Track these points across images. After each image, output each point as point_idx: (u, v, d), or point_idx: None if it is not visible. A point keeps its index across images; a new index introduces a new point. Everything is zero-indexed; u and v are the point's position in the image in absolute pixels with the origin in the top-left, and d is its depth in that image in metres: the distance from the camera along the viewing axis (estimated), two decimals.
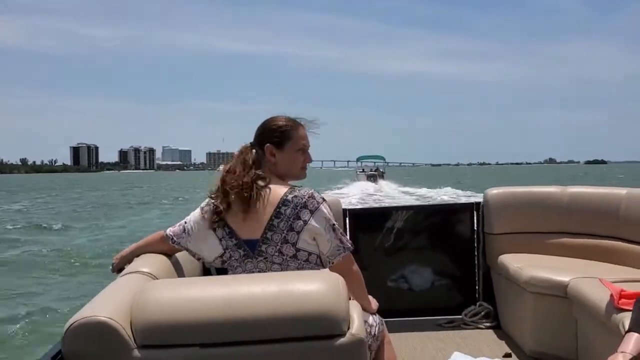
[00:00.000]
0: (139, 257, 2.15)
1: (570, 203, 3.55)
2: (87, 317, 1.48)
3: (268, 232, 1.94)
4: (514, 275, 3.20)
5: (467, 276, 3.91)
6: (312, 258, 1.98)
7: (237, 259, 1.99)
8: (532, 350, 3.12)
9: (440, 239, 3.99)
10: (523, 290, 3.11)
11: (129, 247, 2.23)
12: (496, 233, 3.63)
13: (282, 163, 2.05)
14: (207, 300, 1.52)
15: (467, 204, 4.01)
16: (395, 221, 3.91)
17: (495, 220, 3.64)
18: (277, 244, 1.94)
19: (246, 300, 1.50)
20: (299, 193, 1.96)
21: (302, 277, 1.65)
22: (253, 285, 1.57)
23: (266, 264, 1.96)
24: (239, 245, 1.97)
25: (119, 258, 2.20)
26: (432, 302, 3.92)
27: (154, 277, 1.92)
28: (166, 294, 1.56)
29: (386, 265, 3.89)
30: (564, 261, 3.35)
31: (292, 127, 2.07)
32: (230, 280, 1.72)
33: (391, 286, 3.89)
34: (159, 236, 2.18)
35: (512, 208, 3.63)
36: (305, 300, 1.50)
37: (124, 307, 1.55)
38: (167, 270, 2.07)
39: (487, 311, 3.72)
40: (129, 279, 1.89)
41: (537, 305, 3.05)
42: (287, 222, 1.93)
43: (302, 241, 1.94)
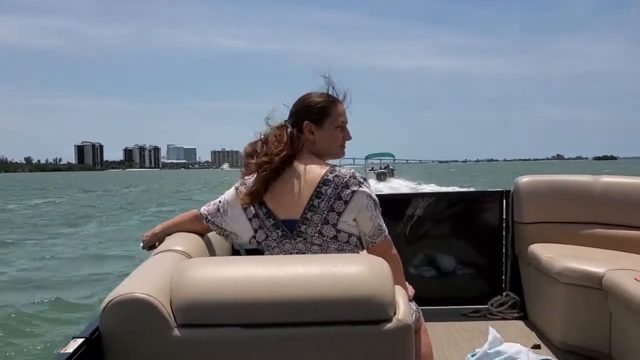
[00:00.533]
0: (171, 235, 2.13)
1: (603, 193, 3.48)
2: (124, 294, 1.46)
3: (308, 212, 1.89)
4: (546, 266, 3.15)
5: (494, 265, 3.82)
6: (352, 240, 1.94)
7: (274, 239, 1.94)
8: (561, 342, 3.06)
9: (466, 227, 3.90)
10: (555, 281, 3.05)
11: (160, 225, 2.21)
12: (526, 222, 3.56)
13: (321, 141, 2.00)
14: (250, 280, 1.49)
15: (496, 191, 3.88)
16: (419, 208, 3.83)
17: (526, 208, 3.55)
18: (317, 225, 1.89)
19: (289, 282, 1.48)
20: (339, 172, 1.91)
21: (346, 260, 1.61)
22: (296, 266, 1.54)
23: (305, 244, 1.92)
24: (276, 225, 1.93)
25: (150, 235, 2.19)
26: (457, 291, 3.84)
27: (188, 255, 1.89)
28: (207, 273, 1.54)
29: (410, 253, 3.79)
30: (597, 252, 3.28)
31: (330, 103, 2.02)
32: (272, 260, 1.69)
33: (415, 274, 3.76)
34: (192, 215, 2.15)
35: (543, 197, 3.55)
36: (350, 284, 1.47)
37: (161, 284, 1.53)
38: (200, 249, 2.05)
39: (513, 301, 3.65)
40: (163, 257, 1.86)
41: (569, 297, 2.99)
42: (327, 202, 1.89)
43: (342, 222, 1.90)
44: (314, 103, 2.00)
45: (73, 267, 11.84)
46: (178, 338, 1.45)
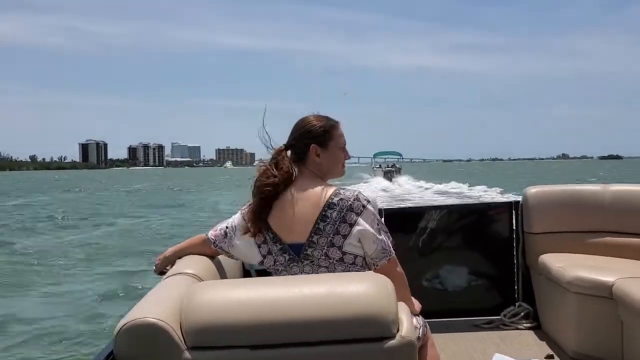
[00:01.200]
0: (181, 259, 2.16)
1: (613, 201, 3.50)
2: (137, 318, 1.50)
3: (314, 235, 1.92)
4: (556, 276, 3.16)
5: (506, 276, 3.84)
6: (358, 260, 1.98)
7: (282, 263, 1.97)
8: (575, 352, 3.06)
9: (477, 239, 3.93)
10: (566, 290, 3.07)
11: (170, 249, 2.24)
12: (536, 232, 3.58)
13: (326, 162, 2.05)
14: (257, 302, 1.52)
15: (505, 202, 3.92)
16: (431, 220, 3.86)
17: (535, 219, 3.57)
18: (323, 248, 1.93)
19: (296, 302, 1.51)
20: (344, 195, 1.95)
21: (351, 279, 1.64)
22: (302, 286, 1.57)
23: (312, 267, 1.95)
24: (283, 249, 1.96)
25: (161, 259, 2.22)
26: (469, 302, 3.85)
27: (199, 278, 1.92)
28: (215, 295, 1.57)
29: (422, 265, 3.82)
30: (608, 261, 3.29)
31: (332, 126, 2.08)
32: (279, 282, 1.72)
33: (427, 286, 3.81)
34: (201, 239, 2.18)
35: (552, 207, 3.57)
36: (354, 302, 1.50)
37: (172, 308, 1.56)
38: (211, 271, 2.08)
39: (526, 312, 3.66)
40: (174, 281, 1.90)
41: (580, 306, 3.01)
42: (333, 225, 1.92)
43: (348, 244, 1.93)
44: (317, 127, 2.05)
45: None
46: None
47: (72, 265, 12.40)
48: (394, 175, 54.16)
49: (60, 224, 21.89)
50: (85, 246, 15.29)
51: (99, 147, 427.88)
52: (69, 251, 14.43)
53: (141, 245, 15.26)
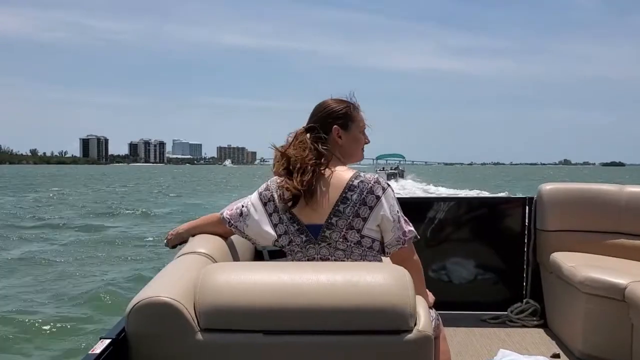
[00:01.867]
0: (195, 237, 2.13)
1: (629, 202, 3.46)
2: (150, 297, 1.49)
3: (333, 217, 1.91)
4: (567, 275, 3.14)
5: (514, 272, 3.81)
6: (375, 245, 1.96)
7: (298, 244, 1.95)
8: (581, 352, 3.05)
9: (487, 233, 3.90)
10: (576, 290, 3.05)
11: (184, 225, 2.23)
12: (549, 230, 3.55)
13: (348, 144, 2.05)
14: (273, 287, 1.52)
15: (518, 198, 3.88)
16: (440, 211, 3.84)
17: (549, 216, 3.54)
18: (342, 230, 1.91)
19: (312, 289, 1.50)
20: (364, 178, 1.94)
21: (369, 269, 1.62)
22: (319, 274, 1.55)
23: (329, 250, 1.93)
24: (301, 230, 1.94)
25: (174, 234, 2.21)
26: (476, 296, 3.84)
27: (212, 258, 1.91)
28: (231, 278, 1.56)
29: (430, 256, 3.76)
30: (620, 262, 3.26)
31: (353, 108, 2.08)
32: (295, 268, 1.71)
33: (434, 278, 3.78)
34: (215, 218, 2.16)
35: (566, 205, 3.54)
36: (372, 293, 1.49)
37: (186, 288, 1.55)
38: (224, 252, 2.06)
39: (534, 309, 3.63)
40: (187, 260, 1.87)
41: (590, 307, 2.99)
42: (353, 207, 1.90)
43: (367, 228, 1.92)
44: (339, 108, 2.05)
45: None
46: (201, 342, 1.48)
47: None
48: (397, 177, 54.05)
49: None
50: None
51: (100, 142, 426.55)
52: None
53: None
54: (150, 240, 15.16)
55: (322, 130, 2.00)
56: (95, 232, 17.01)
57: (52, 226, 18.68)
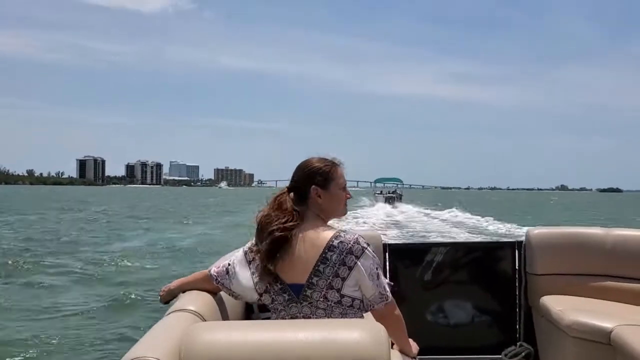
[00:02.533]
0: (185, 293, 2.22)
1: (615, 245, 3.52)
2: (138, 357, 1.52)
3: (313, 277, 1.96)
4: (556, 319, 3.19)
5: (508, 315, 3.86)
6: (355, 303, 2.01)
7: (281, 302, 2.01)
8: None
9: (480, 276, 3.93)
10: (565, 334, 3.09)
11: (176, 282, 2.31)
12: (538, 273, 3.59)
13: (328, 203, 2.10)
14: (254, 346, 1.56)
15: (509, 242, 3.94)
16: (434, 256, 3.89)
17: (538, 260, 3.60)
18: (322, 290, 1.96)
19: (290, 347, 1.54)
20: (344, 238, 1.98)
21: (345, 326, 1.67)
22: (297, 332, 1.61)
23: (311, 308, 1.98)
24: (283, 289, 1.99)
25: (166, 291, 2.29)
26: (470, 340, 3.86)
27: (201, 315, 1.98)
28: (214, 338, 1.60)
29: (424, 301, 3.84)
30: (608, 305, 3.31)
31: (332, 166, 2.14)
32: (275, 327, 1.77)
33: (429, 321, 3.83)
34: (204, 275, 2.24)
35: (554, 248, 3.59)
36: (347, 350, 1.53)
37: (172, 347, 1.59)
38: (212, 308, 2.14)
39: (527, 352, 3.62)
40: (177, 318, 1.94)
41: (578, 351, 3.02)
42: (332, 267, 1.95)
43: (346, 287, 1.97)
44: (317, 168, 2.10)
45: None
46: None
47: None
48: (395, 201, 53.98)
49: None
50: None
51: (97, 163, 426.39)
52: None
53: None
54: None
55: (301, 191, 2.08)
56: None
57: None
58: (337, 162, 2.16)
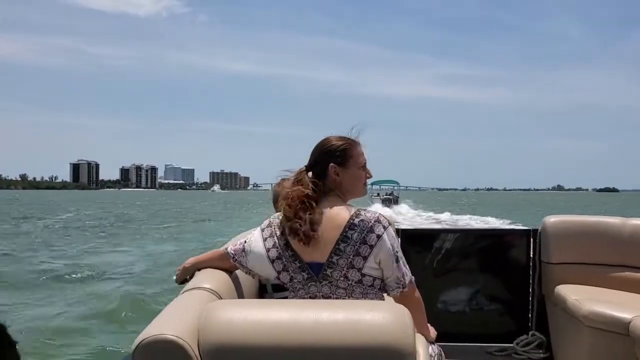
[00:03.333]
0: (200, 271, 2.18)
1: (633, 235, 3.49)
2: (155, 335, 1.50)
3: (334, 256, 1.92)
4: (572, 308, 3.14)
5: (520, 304, 3.82)
6: (376, 283, 1.97)
7: (300, 281, 1.97)
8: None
9: (493, 264, 3.90)
10: (581, 324, 3.04)
11: (190, 260, 2.27)
12: (553, 262, 3.55)
13: (347, 181, 2.05)
14: (274, 325, 1.54)
15: (523, 230, 3.91)
16: (447, 242, 3.88)
17: (553, 249, 3.55)
18: (342, 269, 1.92)
19: (312, 327, 1.51)
20: (365, 217, 1.95)
21: (369, 307, 1.63)
22: (319, 312, 1.56)
23: (330, 288, 1.94)
24: (302, 268, 1.96)
25: (181, 270, 2.25)
26: (482, 328, 3.84)
27: (217, 293, 1.95)
28: (232, 316, 1.58)
29: (436, 287, 3.81)
30: (625, 296, 3.27)
31: (351, 144, 2.08)
32: (296, 305, 1.73)
33: (440, 308, 3.81)
34: (220, 253, 2.22)
35: (571, 237, 3.55)
36: (372, 333, 1.49)
37: (190, 325, 1.57)
38: (228, 286, 2.10)
39: (540, 341, 3.60)
40: (193, 296, 1.91)
41: (595, 341, 2.97)
42: (353, 246, 1.92)
43: (367, 267, 1.93)
44: (336, 146, 2.06)
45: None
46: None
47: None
48: (392, 203, 53.45)
49: None
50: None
51: (91, 167, 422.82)
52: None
53: None
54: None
55: (320, 169, 2.04)
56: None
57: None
58: (356, 140, 2.09)
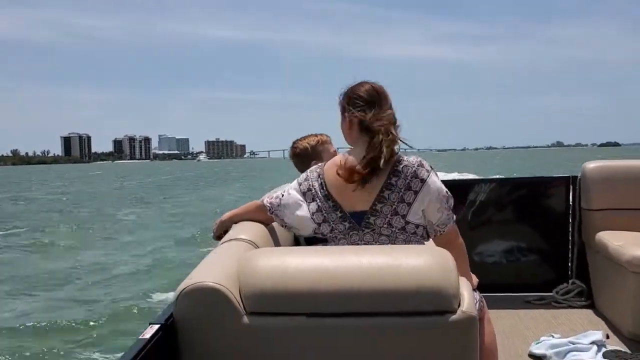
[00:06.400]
0: (237, 224, 2.18)
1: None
2: (197, 282, 1.53)
3: (378, 204, 1.89)
4: (614, 254, 3.12)
5: (559, 252, 3.79)
6: (419, 230, 1.95)
7: (341, 231, 1.94)
8: (630, 332, 3.01)
9: (531, 213, 3.85)
10: (624, 269, 3.02)
11: (226, 214, 2.27)
12: (594, 209, 3.49)
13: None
14: (314, 270, 1.54)
15: (562, 177, 3.85)
16: (482, 193, 3.80)
17: (594, 195, 3.50)
18: (386, 216, 1.89)
19: (353, 272, 1.51)
20: (407, 162, 1.91)
21: (411, 251, 1.64)
22: (361, 257, 1.57)
23: (373, 235, 1.92)
24: (343, 217, 1.93)
25: (218, 224, 2.26)
26: (521, 278, 3.81)
27: (254, 244, 1.94)
28: (273, 262, 1.59)
29: (473, 239, 3.68)
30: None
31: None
32: (336, 251, 1.72)
33: (477, 260, 3.74)
34: (257, 205, 2.18)
35: (612, 183, 3.48)
36: (414, 275, 1.49)
37: (230, 273, 1.59)
38: (265, 238, 2.09)
39: (580, 289, 3.60)
40: (231, 246, 1.92)
41: (639, 286, 2.95)
42: (398, 193, 1.88)
43: (412, 213, 1.90)
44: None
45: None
46: (247, 325, 1.51)
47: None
48: None
49: None
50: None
51: (82, 140, 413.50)
52: None
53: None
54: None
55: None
56: None
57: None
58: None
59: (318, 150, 2.60)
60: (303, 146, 2.64)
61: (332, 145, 2.68)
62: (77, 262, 13.34)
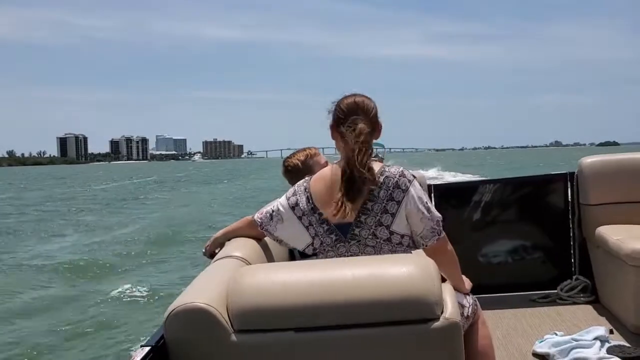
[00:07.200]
0: (230, 241, 2.19)
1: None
2: (186, 303, 1.55)
3: (362, 215, 1.91)
4: (614, 248, 3.12)
5: (562, 249, 3.79)
6: (405, 240, 1.96)
7: (329, 244, 1.97)
8: (635, 326, 3.02)
9: (531, 212, 3.87)
10: (624, 263, 3.03)
11: (219, 232, 2.31)
12: (593, 204, 3.51)
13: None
14: (300, 285, 1.56)
15: (560, 174, 3.84)
16: (482, 195, 3.83)
17: (592, 190, 3.51)
18: (370, 227, 1.92)
19: (337, 285, 1.53)
20: (389, 173, 1.94)
21: (392, 261, 1.65)
22: (344, 269, 1.59)
23: (359, 247, 1.94)
24: (330, 230, 1.96)
25: (211, 241, 2.28)
26: (524, 276, 3.81)
27: (246, 261, 1.95)
28: (260, 279, 1.60)
29: (475, 240, 3.78)
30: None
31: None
32: (321, 265, 1.75)
33: (482, 261, 3.78)
34: (248, 221, 2.21)
35: (609, 177, 3.50)
36: (396, 284, 1.51)
37: (220, 292, 1.60)
38: (258, 254, 2.10)
39: (584, 285, 3.59)
40: (222, 264, 1.93)
41: (639, 280, 2.95)
42: (380, 204, 1.91)
43: (396, 224, 1.92)
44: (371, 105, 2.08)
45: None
46: (235, 343, 1.53)
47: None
48: None
49: None
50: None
51: (79, 141, 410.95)
52: None
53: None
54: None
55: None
56: None
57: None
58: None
59: (309, 164, 2.68)
60: (294, 163, 2.72)
61: (322, 156, 2.77)
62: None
